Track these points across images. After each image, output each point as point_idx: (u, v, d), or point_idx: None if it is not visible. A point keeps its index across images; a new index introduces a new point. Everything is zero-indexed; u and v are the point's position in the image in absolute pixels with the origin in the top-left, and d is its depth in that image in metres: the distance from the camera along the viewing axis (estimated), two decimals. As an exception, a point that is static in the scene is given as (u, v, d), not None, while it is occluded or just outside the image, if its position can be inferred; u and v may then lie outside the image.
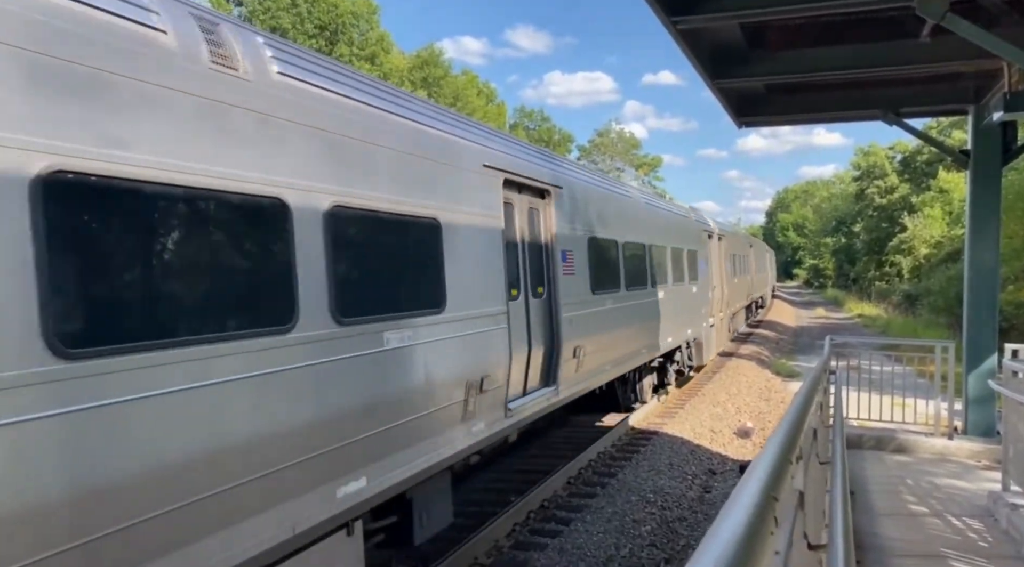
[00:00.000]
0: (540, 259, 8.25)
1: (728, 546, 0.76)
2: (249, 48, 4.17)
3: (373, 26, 47.43)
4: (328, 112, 4.67)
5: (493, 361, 6.67)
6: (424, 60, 56.70)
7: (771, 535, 0.94)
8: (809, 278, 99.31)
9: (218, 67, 3.85)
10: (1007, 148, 9.20)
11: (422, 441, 5.52)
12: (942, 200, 42.90)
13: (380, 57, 46.90)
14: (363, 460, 4.84)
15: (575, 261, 9.02)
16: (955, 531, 6.15)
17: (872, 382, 10.39)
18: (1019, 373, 6.76)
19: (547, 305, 8.35)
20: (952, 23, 5.53)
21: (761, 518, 0.90)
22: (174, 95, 3.55)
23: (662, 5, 6.10)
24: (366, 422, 4.85)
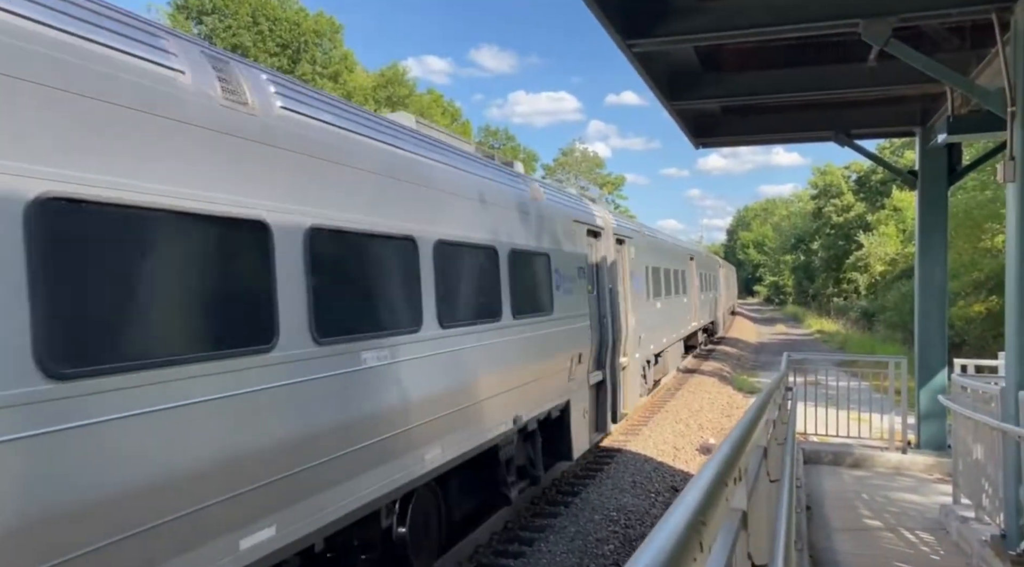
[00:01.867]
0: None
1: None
2: (258, 85, 4.55)
3: (336, 45, 47.35)
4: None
5: (584, 343, 10.16)
6: (388, 79, 56.71)
7: (694, 562, 0.95)
8: (769, 295, 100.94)
9: (229, 103, 4.19)
10: (952, 169, 9.50)
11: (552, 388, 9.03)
12: (896, 218, 44.03)
13: (344, 76, 46.79)
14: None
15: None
16: (908, 544, 6.26)
17: (829, 397, 10.58)
18: (967, 388, 6.93)
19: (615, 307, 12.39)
20: (895, 48, 5.71)
21: (684, 545, 0.90)
22: (190, 129, 3.86)
23: (617, 28, 6.19)
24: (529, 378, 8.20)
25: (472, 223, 7.00)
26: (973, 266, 24.99)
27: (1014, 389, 5.21)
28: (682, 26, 6.40)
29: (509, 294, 7.70)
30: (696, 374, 23.10)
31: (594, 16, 5.95)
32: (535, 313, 8.45)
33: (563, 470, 11.45)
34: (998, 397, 5.67)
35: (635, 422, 15.72)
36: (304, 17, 44.20)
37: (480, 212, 7.21)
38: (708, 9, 6.31)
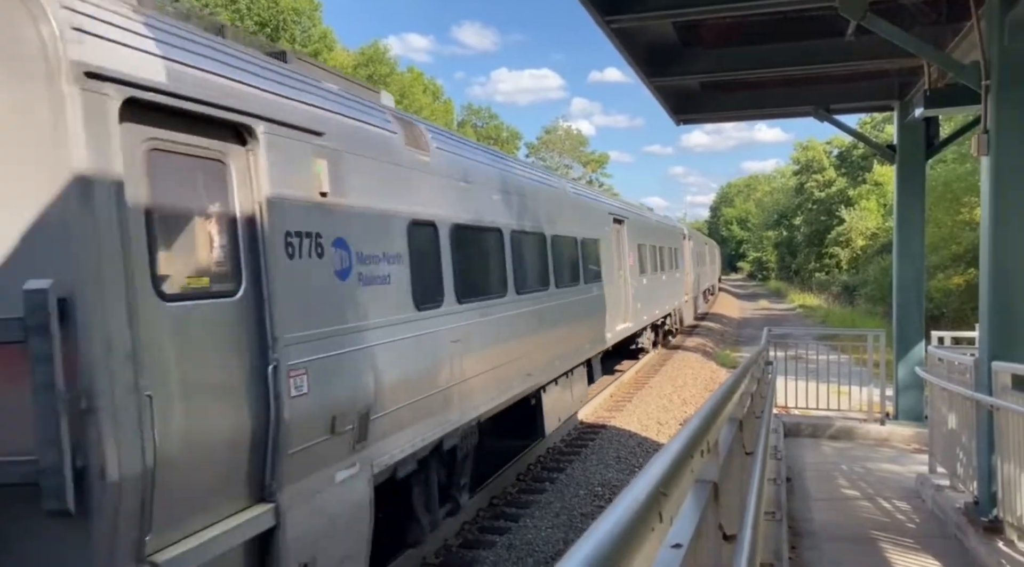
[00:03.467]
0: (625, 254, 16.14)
1: (599, 546, 0.79)
2: (428, 136, 6.86)
3: (315, 23, 46.73)
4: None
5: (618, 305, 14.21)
6: (369, 57, 56.12)
7: (652, 531, 0.97)
8: (753, 271, 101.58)
9: (415, 149, 6.43)
10: (930, 143, 9.56)
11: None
12: (877, 193, 44.35)
13: (323, 54, 46.23)
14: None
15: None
16: (885, 513, 6.39)
17: (810, 371, 10.71)
18: (942, 360, 7.05)
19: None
20: (872, 23, 5.71)
21: (642, 516, 0.93)
22: (401, 168, 6.10)
23: (595, 5, 6.16)
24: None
25: (534, 217, 9.80)
26: (952, 239, 25.25)
27: (987, 360, 5.30)
28: (661, 1, 6.38)
29: (582, 266, 12.19)
30: (680, 350, 23.28)
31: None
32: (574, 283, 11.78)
33: (548, 446, 11.56)
34: (972, 368, 5.77)
35: (619, 398, 15.86)
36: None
37: (536, 208, 9.95)
38: (686, -16, 6.29)
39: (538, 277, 9.74)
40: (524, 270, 9.12)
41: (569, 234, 11.30)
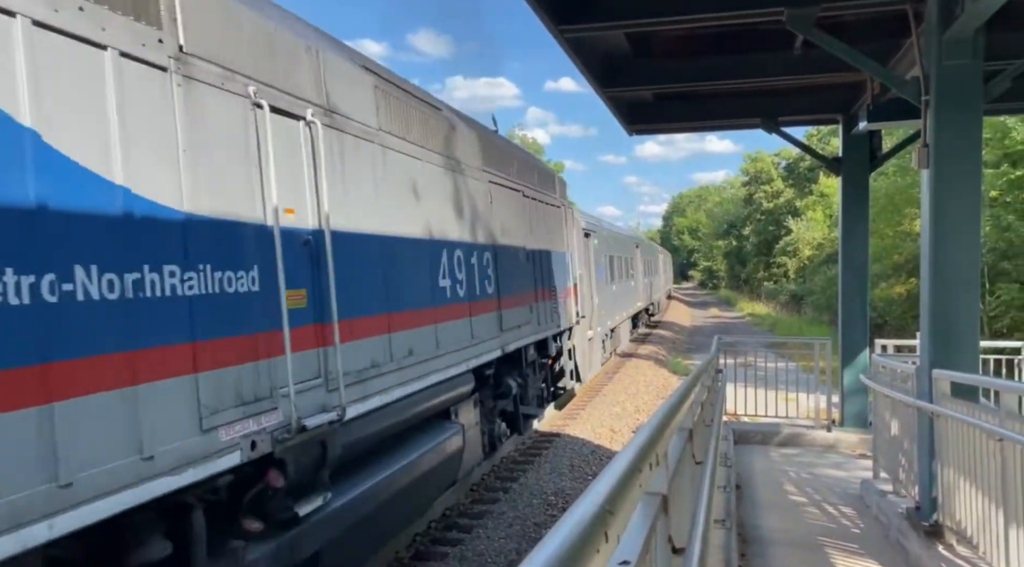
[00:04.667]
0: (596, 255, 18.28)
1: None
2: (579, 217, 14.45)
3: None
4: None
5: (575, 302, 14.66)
6: (322, 63, 55.42)
7: (597, 553, 0.94)
8: (703, 279, 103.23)
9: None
10: (873, 155, 9.83)
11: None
12: (823, 204, 45.49)
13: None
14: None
15: (609, 261, 20.95)
16: (831, 519, 6.50)
17: (759, 378, 10.88)
18: (885, 367, 7.22)
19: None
20: (818, 37, 5.85)
21: (586, 538, 0.89)
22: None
23: (549, 14, 6.16)
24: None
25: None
26: (894, 249, 26.03)
27: (927, 368, 5.43)
28: (614, 12, 6.42)
29: (587, 272, 16.37)
30: (633, 358, 23.48)
31: (526, 0, 5.91)
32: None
33: (502, 456, 11.50)
34: (913, 375, 5.91)
35: (573, 406, 15.90)
36: None
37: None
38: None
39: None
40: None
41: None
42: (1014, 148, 19.47)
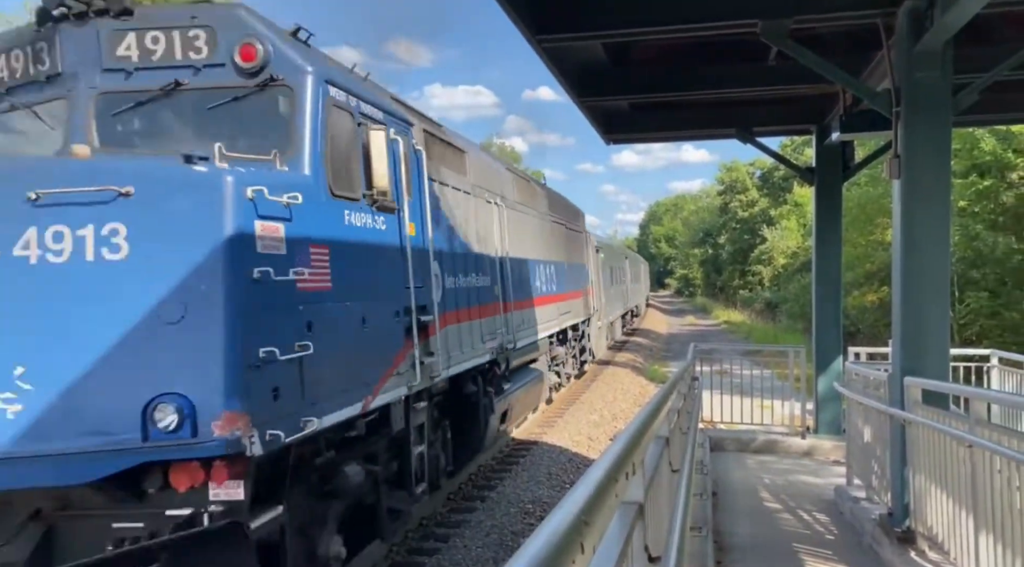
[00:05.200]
0: (602, 266, 23.32)
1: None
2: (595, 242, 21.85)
3: (243, 33, 45.74)
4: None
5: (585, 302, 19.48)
6: (299, 70, 55.16)
7: (572, 564, 0.94)
8: (680, 287, 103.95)
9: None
10: (846, 166, 9.98)
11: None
12: (797, 213, 46.05)
13: (251, 65, 45.27)
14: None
15: (611, 269, 25.99)
16: (805, 525, 6.55)
17: (735, 386, 10.96)
18: (858, 375, 7.30)
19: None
20: (792, 49, 5.93)
21: (561, 549, 0.89)
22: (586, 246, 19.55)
23: (527, 23, 6.19)
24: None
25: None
26: (866, 258, 26.40)
27: (899, 375, 5.50)
28: (591, 22, 6.46)
29: (599, 278, 21.55)
30: (611, 365, 23.54)
31: (503, 10, 5.93)
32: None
33: (479, 464, 11.46)
34: (886, 383, 5.99)
35: (551, 414, 15.89)
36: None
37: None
38: (615, 7, 6.39)
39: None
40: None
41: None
42: (982, 159, 19.89)
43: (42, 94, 5.29)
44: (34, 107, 5.28)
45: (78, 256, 4.32)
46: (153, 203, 4.36)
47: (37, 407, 4.23)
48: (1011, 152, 19.37)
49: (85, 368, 4.26)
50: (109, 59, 5.21)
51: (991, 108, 9.07)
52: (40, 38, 5.26)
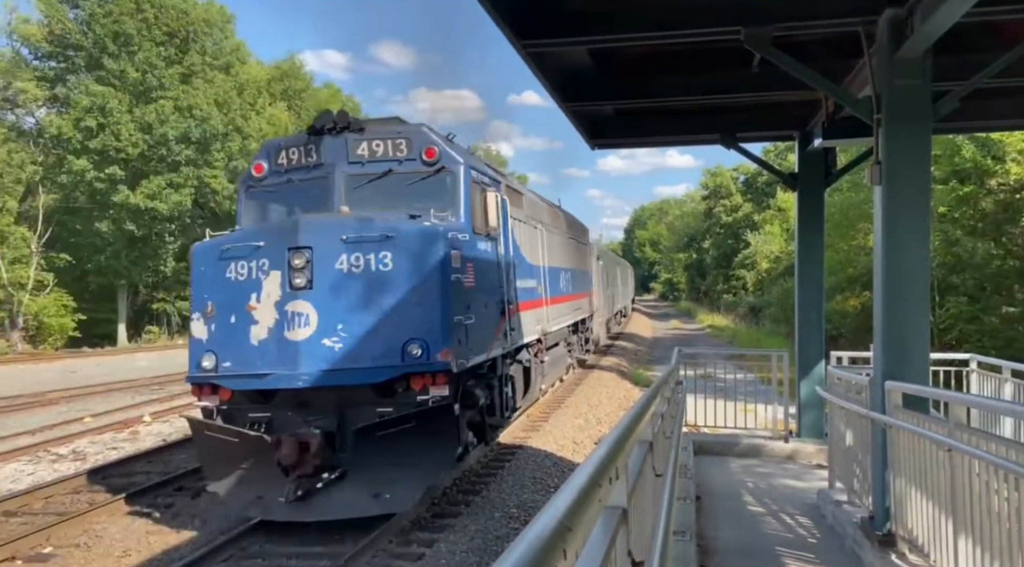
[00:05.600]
0: (602, 272, 27.57)
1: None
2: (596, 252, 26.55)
3: (228, 35, 45.50)
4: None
5: (600, 305, 26.86)
6: (284, 72, 54.99)
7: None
8: (664, 292, 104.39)
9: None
10: (828, 172, 10.07)
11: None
12: (780, 218, 46.41)
13: (236, 67, 45.03)
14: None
15: (606, 274, 29.62)
16: (788, 529, 6.58)
17: (719, 390, 11.01)
18: (840, 379, 7.36)
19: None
20: (775, 56, 5.98)
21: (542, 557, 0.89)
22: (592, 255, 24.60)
23: (512, 28, 6.20)
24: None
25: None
26: (848, 263, 26.65)
27: (880, 379, 5.55)
28: (577, 28, 6.48)
29: (599, 281, 25.32)
30: (595, 369, 23.58)
31: (488, 15, 5.94)
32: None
33: (464, 469, 11.44)
34: (867, 387, 6.04)
35: (536, 418, 15.88)
36: (192, 5, 42.19)
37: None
38: (600, 13, 6.42)
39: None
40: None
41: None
42: (963, 165, 20.14)
43: (309, 175, 9.09)
44: (304, 182, 9.15)
45: (367, 268, 8.01)
46: (404, 242, 8.05)
47: (349, 345, 7.87)
48: (990, 159, 19.63)
49: (372, 325, 7.93)
50: (352, 156, 8.96)
51: (971, 115, 9.19)
52: (310, 142, 9.08)
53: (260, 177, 9.44)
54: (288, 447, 7.84)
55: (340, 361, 7.87)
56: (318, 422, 8.14)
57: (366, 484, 8.11)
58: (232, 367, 8.21)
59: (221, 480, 8.31)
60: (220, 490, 8.34)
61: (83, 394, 20.48)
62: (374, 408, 8.12)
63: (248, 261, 8.21)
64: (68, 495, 10.60)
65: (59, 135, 37.94)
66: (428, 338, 7.87)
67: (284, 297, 8.05)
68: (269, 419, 8.35)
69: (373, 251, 7.97)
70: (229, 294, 8.27)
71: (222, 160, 42.08)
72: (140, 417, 16.56)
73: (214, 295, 8.39)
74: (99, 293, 42.02)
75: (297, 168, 9.18)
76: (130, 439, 14.65)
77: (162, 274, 42.23)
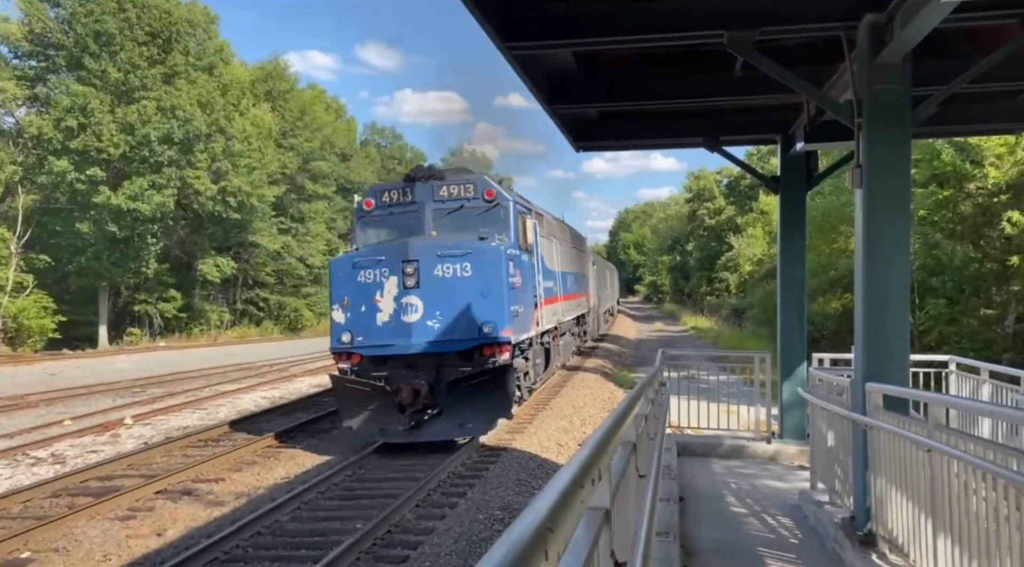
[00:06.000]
0: (596, 274, 31.92)
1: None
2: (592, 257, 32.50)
3: (212, 35, 45.19)
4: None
5: (598, 303, 32.71)
6: (268, 73, 54.71)
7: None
8: (649, 294, 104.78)
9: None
10: (810, 175, 10.15)
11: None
12: (763, 221, 46.75)
13: (219, 67, 44.73)
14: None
15: (600, 275, 34.70)
16: (770, 529, 6.63)
17: (702, 391, 11.06)
18: (822, 380, 7.42)
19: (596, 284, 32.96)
20: (757, 60, 6.03)
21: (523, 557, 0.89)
22: (588, 257, 29.13)
23: (496, 30, 6.21)
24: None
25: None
26: (830, 266, 26.87)
27: (861, 381, 5.61)
28: (561, 31, 6.50)
29: (593, 283, 29.36)
30: (580, 371, 23.62)
31: (473, 17, 5.95)
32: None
33: (449, 471, 11.42)
34: (848, 388, 6.09)
35: (521, 420, 15.87)
36: (175, 5, 41.85)
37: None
38: (584, 15, 6.44)
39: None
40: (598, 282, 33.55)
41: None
42: (942, 169, 20.37)
43: (406, 209, 12.95)
44: (402, 214, 13.01)
45: (455, 274, 11.74)
46: (478, 256, 11.79)
47: (443, 325, 11.66)
48: (969, 163, 19.88)
49: (458, 312, 11.55)
50: (436, 196, 12.75)
51: (950, 120, 9.30)
52: (406, 186, 12.95)
53: (369, 210, 13.43)
54: (407, 392, 11.90)
55: (438, 336, 11.96)
56: (423, 377, 12.13)
57: (455, 418, 12.15)
58: (364, 341, 12.25)
59: (355, 418, 12.30)
60: (354, 425, 12.37)
61: (63, 397, 20.25)
62: (458, 368, 12.09)
63: (373, 269, 12.18)
64: (47, 499, 10.47)
65: (39, 135, 37.47)
66: (496, 321, 11.92)
67: (400, 293, 12.04)
68: (386, 376, 12.23)
69: (458, 262, 11.95)
70: (360, 291, 12.24)
71: (205, 161, 41.74)
72: (121, 420, 16.38)
73: (349, 293, 12.35)
74: (80, 294, 41.55)
75: (396, 204, 13.22)
76: (111, 442, 14.49)
77: (144, 275, 41.77)
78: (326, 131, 59.11)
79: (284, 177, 51.62)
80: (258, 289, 51.61)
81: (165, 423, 16.41)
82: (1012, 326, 19.45)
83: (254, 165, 45.22)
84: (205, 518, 9.70)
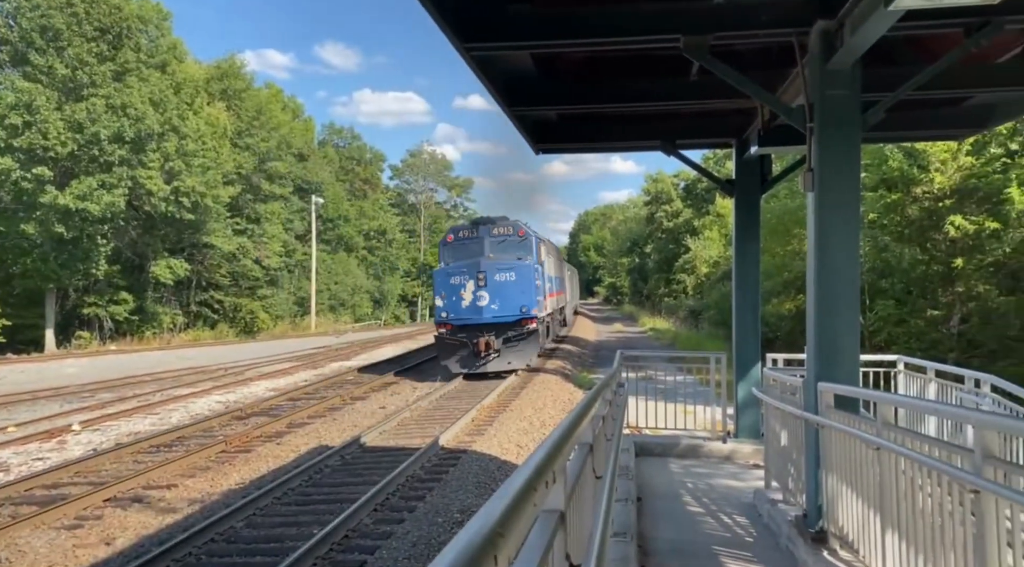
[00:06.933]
0: (568, 278, 44.98)
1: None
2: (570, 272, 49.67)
3: (164, 32, 44.19)
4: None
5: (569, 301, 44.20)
6: (224, 71, 53.74)
7: (485, 576, 0.93)
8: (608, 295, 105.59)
9: (562, 262, 40.91)
10: (764, 179, 10.31)
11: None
12: (719, 224, 47.46)
13: (172, 65, 43.77)
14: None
15: (571, 279, 48.80)
16: (726, 528, 6.71)
17: (660, 392, 11.17)
18: (776, 380, 7.55)
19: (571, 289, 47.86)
20: (713, 65, 6.10)
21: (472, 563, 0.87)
22: (565, 269, 43.19)
23: (455, 31, 6.18)
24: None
25: (563, 272, 38.80)
26: (784, 268, 27.39)
27: (813, 381, 5.71)
28: (517, 32, 6.50)
29: (569, 288, 43.29)
30: (540, 373, 23.70)
31: (431, 17, 5.90)
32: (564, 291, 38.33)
33: (408, 475, 11.33)
34: (801, 388, 6.20)
35: (481, 422, 15.85)
36: (126, 1, 40.82)
37: (564, 269, 40.58)
38: (542, 18, 6.45)
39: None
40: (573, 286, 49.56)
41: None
42: (890, 174, 20.93)
43: (471, 240, 24.16)
44: (468, 243, 24.15)
45: (506, 279, 23.10)
46: (518, 268, 23.25)
47: (500, 307, 22.84)
48: (916, 168, 20.45)
49: (508, 300, 22.89)
50: (492, 232, 24.21)
51: (898, 126, 9.54)
52: (472, 227, 24.82)
53: (451, 242, 24.28)
54: (482, 343, 22.27)
55: (496, 314, 22.57)
56: (489, 336, 22.32)
57: (506, 359, 22.67)
58: (454, 317, 22.71)
59: (448, 360, 22.96)
60: (448, 364, 22.88)
61: (6, 402, 19.57)
62: (508, 331, 22.64)
63: (459, 276, 22.81)
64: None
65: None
66: (529, 305, 22.80)
67: (475, 290, 22.54)
68: (466, 337, 22.55)
69: (507, 272, 22.75)
70: (452, 289, 22.84)
71: (158, 161, 40.78)
72: (69, 426, 15.90)
73: (444, 289, 23.00)
74: (25, 297, 40.18)
75: (466, 239, 24.11)
76: (57, 449, 14.05)
77: (94, 277, 40.62)
78: (283, 131, 58.29)
79: (240, 177, 50.73)
80: (213, 291, 50.60)
81: (115, 429, 15.98)
82: (957, 326, 20.07)
83: (209, 165, 44.31)
84: (156, 525, 9.47)
